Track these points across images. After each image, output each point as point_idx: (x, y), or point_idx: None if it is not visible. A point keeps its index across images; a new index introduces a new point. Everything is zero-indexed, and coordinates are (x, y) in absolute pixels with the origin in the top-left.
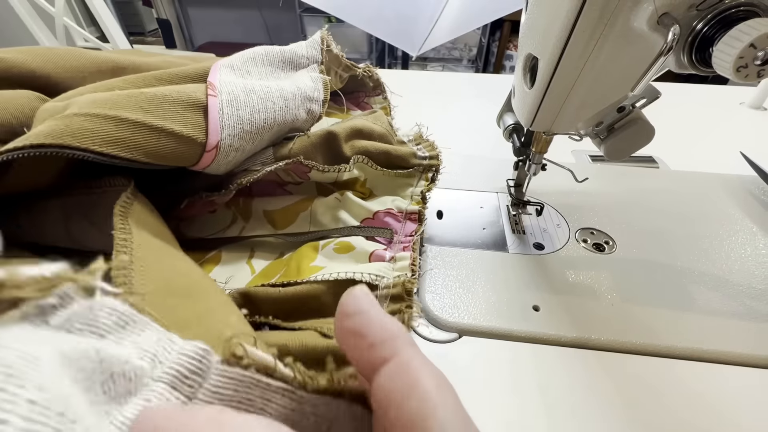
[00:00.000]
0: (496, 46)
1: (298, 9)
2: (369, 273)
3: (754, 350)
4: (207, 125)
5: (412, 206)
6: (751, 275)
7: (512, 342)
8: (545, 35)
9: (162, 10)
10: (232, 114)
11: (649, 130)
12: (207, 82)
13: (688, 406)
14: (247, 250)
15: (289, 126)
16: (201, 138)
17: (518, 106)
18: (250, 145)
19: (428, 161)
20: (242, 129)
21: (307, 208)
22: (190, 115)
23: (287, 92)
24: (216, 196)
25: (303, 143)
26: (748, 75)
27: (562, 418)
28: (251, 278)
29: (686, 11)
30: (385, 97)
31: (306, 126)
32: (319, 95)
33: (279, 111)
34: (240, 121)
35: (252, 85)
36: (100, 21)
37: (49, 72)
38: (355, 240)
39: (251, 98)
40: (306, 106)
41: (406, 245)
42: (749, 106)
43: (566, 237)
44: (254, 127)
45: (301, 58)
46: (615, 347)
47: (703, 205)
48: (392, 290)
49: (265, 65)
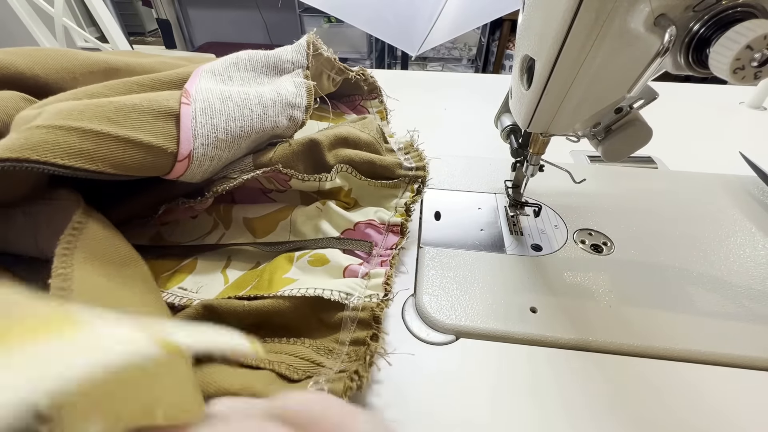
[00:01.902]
0: (496, 46)
1: (298, 9)
2: (338, 290)
3: (752, 352)
4: (179, 134)
5: (395, 218)
6: (749, 276)
7: (509, 344)
8: (542, 36)
9: (162, 11)
10: (206, 122)
11: (646, 131)
12: (183, 90)
13: (686, 407)
14: (224, 259)
15: (269, 133)
16: (172, 148)
17: (516, 107)
18: (226, 154)
19: (414, 172)
20: (217, 138)
21: (287, 217)
22: (161, 125)
23: (267, 99)
24: (194, 203)
25: (284, 151)
26: (745, 77)
27: (560, 419)
28: (223, 288)
29: (683, 12)
30: (381, 100)
31: (288, 133)
32: (302, 101)
33: (257, 118)
34: (215, 129)
35: (229, 92)
36: (99, 21)
37: (38, 73)
38: (330, 253)
39: (227, 106)
40: (287, 112)
41: (384, 259)
42: (749, 106)
43: (564, 238)
44: (230, 135)
45: (286, 63)
46: (613, 349)
47: (701, 205)
48: (360, 314)
49: (248, 70)
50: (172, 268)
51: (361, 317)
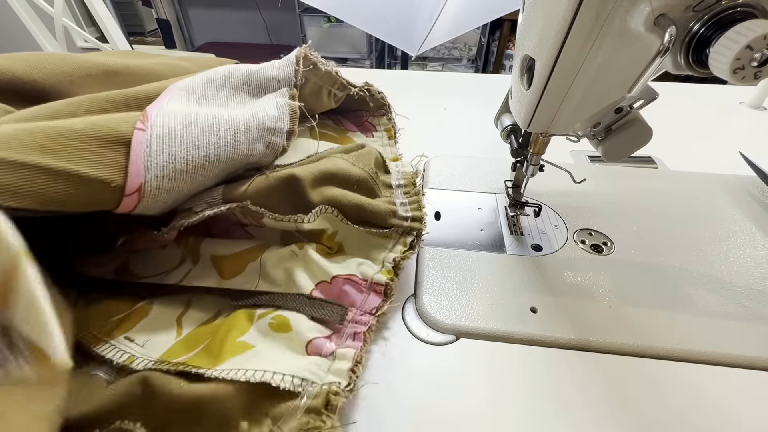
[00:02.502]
0: (496, 46)
1: (298, 9)
2: (293, 376)
3: (752, 352)
4: (128, 165)
5: (380, 275)
6: (749, 276)
7: (510, 344)
8: (542, 36)
9: (162, 11)
10: (162, 151)
11: (646, 131)
12: (143, 112)
13: (686, 407)
14: (183, 304)
15: (241, 162)
16: (117, 181)
17: (516, 107)
18: (187, 186)
19: (409, 223)
20: (174, 169)
21: (257, 258)
22: (108, 154)
23: (239, 123)
24: (155, 235)
25: (260, 185)
26: (745, 77)
27: (560, 419)
28: (173, 343)
29: (683, 12)
30: (389, 118)
31: (267, 160)
32: (283, 126)
33: (226, 146)
34: (172, 159)
35: (196, 115)
36: (99, 21)
37: (35, 78)
38: (295, 319)
39: (190, 131)
40: (265, 138)
41: (358, 330)
42: (749, 106)
43: (564, 238)
44: (191, 166)
45: (271, 81)
46: (613, 349)
47: (701, 205)
48: (312, 401)
49: (227, 88)
50: (126, 311)
51: (311, 405)
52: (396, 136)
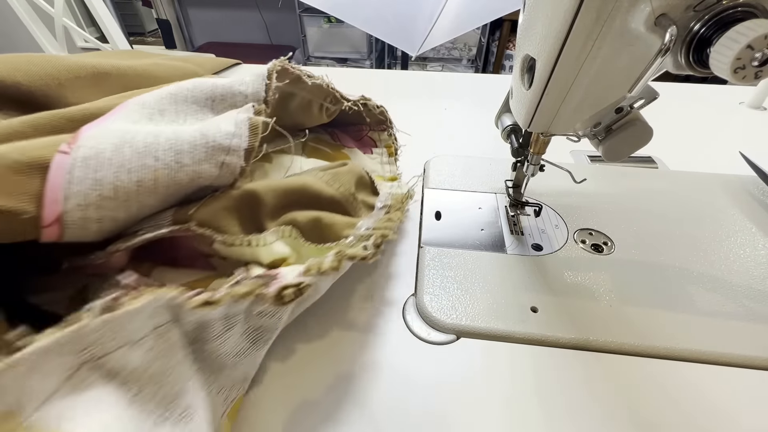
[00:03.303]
0: (496, 46)
1: (298, 9)
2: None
3: (752, 351)
4: (44, 194)
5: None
6: (749, 276)
7: (510, 343)
8: (542, 36)
9: (162, 11)
10: (86, 177)
11: (647, 131)
12: (75, 132)
13: (686, 407)
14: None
15: (189, 186)
16: (30, 212)
17: (516, 107)
18: (121, 214)
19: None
20: (101, 195)
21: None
22: (22, 182)
23: (183, 142)
24: (91, 259)
25: (213, 204)
26: (745, 76)
27: (561, 419)
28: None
29: (683, 12)
30: (390, 134)
31: (223, 182)
32: (240, 143)
33: (164, 169)
34: (98, 185)
35: (134, 134)
36: (99, 21)
37: (20, 80)
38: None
39: (122, 153)
40: (217, 158)
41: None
42: (749, 106)
43: (564, 238)
44: (121, 192)
45: (237, 96)
46: (613, 349)
47: (702, 205)
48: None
49: (189, 103)
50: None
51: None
52: (397, 153)
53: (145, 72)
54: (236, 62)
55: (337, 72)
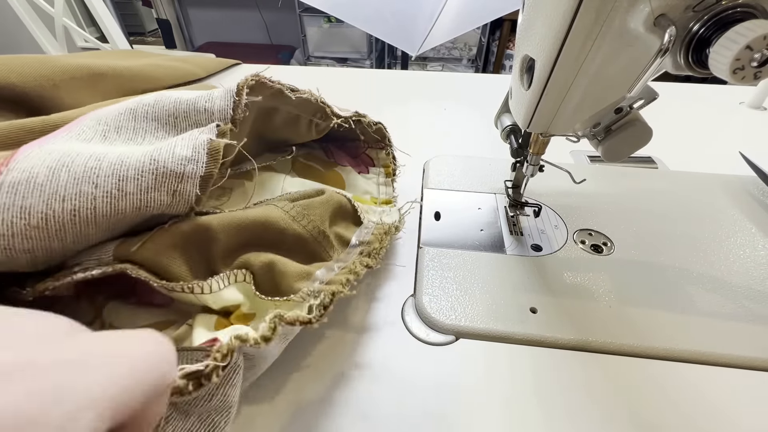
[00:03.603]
0: (496, 46)
1: (298, 9)
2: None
3: (752, 352)
4: None
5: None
6: (749, 276)
7: (509, 344)
8: (542, 36)
9: (162, 11)
10: (12, 204)
11: (646, 131)
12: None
13: (686, 408)
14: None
15: (136, 216)
16: None
17: (515, 107)
18: (59, 244)
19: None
20: (28, 225)
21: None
22: None
23: (128, 168)
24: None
25: (157, 241)
26: (744, 77)
27: (560, 421)
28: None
29: (683, 13)
30: (388, 153)
31: (176, 211)
32: (196, 170)
33: (104, 197)
34: (25, 214)
35: (74, 157)
36: (99, 21)
37: (14, 81)
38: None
39: (58, 178)
40: (169, 186)
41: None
42: (749, 106)
43: (564, 238)
44: (53, 222)
45: (202, 113)
46: (613, 349)
47: (701, 205)
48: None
49: (148, 120)
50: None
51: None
52: (395, 174)
53: (141, 73)
54: (236, 62)
55: (337, 72)
